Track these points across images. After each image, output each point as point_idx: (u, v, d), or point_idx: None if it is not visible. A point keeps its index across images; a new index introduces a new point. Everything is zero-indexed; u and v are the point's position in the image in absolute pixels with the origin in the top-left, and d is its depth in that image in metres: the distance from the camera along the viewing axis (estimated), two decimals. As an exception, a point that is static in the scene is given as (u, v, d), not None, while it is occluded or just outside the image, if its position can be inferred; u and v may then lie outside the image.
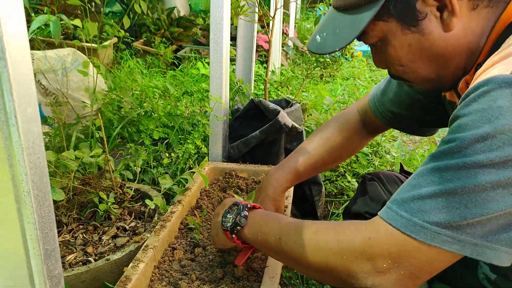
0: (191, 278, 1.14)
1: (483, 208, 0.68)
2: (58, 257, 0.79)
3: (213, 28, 1.60)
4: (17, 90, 0.64)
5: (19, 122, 0.65)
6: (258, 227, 0.99)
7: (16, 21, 0.62)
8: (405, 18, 0.82)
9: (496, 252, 0.70)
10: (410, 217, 0.73)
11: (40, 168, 0.71)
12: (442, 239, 0.70)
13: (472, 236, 0.69)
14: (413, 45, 0.85)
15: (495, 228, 0.69)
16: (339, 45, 0.87)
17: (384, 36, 0.87)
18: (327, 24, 0.92)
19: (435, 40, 0.83)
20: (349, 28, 0.86)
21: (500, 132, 0.65)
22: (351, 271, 0.79)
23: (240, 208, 1.03)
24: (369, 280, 0.77)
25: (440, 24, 0.82)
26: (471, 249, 0.70)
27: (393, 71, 0.93)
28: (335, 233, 0.83)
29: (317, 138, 1.31)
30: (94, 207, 1.45)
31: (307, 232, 0.87)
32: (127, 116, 2.11)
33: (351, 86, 3.31)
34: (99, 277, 1.22)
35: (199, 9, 8.52)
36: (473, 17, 0.82)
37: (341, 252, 0.80)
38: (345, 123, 1.31)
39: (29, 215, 0.71)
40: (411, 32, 0.84)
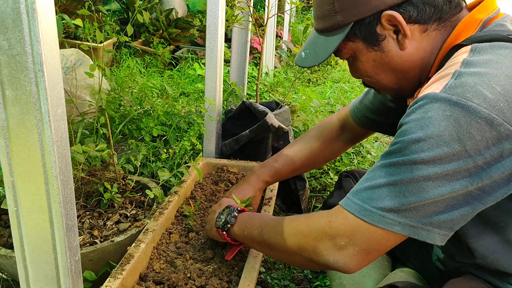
0: (185, 258, 1.32)
1: (417, 197, 0.84)
2: (76, 232, 0.95)
3: (209, 37, 1.77)
4: (50, 95, 0.81)
5: (51, 121, 0.82)
6: (244, 224, 1.18)
7: (52, 43, 0.79)
8: (368, 39, 1.01)
9: (429, 233, 0.85)
10: (361, 204, 0.89)
11: (65, 157, 0.88)
12: (386, 221, 0.86)
13: (409, 219, 0.85)
14: (376, 61, 1.04)
15: (428, 213, 0.84)
16: (317, 61, 1.07)
17: (354, 53, 1.06)
18: (309, 43, 1.11)
19: (393, 56, 1.01)
20: (325, 47, 1.05)
21: (430, 137, 0.82)
22: (316, 249, 0.95)
23: (231, 209, 1.23)
24: (331, 256, 0.93)
25: (396, 44, 1.00)
26: (408, 230, 0.86)
27: (364, 80, 1.13)
28: (305, 219, 1.02)
29: (298, 143, 1.52)
30: (99, 196, 1.61)
31: (283, 221, 1.06)
32: (128, 114, 2.27)
33: (339, 89, 3.49)
34: (104, 257, 1.38)
35: (196, 9, 8.65)
36: (424, 38, 1.00)
37: (308, 234, 0.97)
38: (324, 131, 1.52)
39: (56, 195, 0.87)
40: (374, 50, 1.02)
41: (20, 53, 0.77)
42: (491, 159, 0.81)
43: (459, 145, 0.80)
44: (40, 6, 0.75)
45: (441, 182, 0.82)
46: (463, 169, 0.82)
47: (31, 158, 0.84)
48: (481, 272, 1.02)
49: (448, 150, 0.81)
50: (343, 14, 1.00)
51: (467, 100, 0.80)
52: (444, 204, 0.84)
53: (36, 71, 0.78)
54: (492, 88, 0.82)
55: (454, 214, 0.85)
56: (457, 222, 0.86)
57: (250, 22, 2.35)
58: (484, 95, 0.81)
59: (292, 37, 5.24)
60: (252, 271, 1.20)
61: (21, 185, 0.87)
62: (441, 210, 0.84)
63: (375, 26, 0.99)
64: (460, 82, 0.83)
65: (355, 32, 1.01)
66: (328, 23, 1.03)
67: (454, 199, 0.83)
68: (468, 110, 0.80)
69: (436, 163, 0.82)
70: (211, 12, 1.75)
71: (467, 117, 0.80)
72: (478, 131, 0.80)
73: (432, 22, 0.99)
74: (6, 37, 0.76)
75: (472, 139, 0.80)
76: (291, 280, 1.60)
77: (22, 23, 0.75)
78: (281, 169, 1.48)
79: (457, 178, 0.82)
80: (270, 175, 1.48)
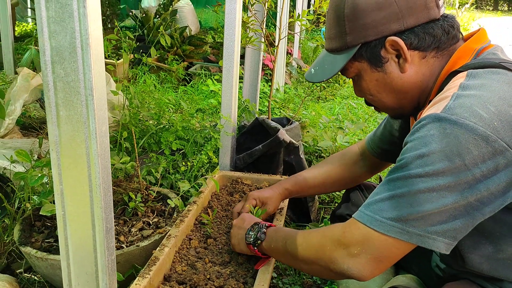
0: (204, 261, 1.44)
1: (423, 207, 0.93)
2: (113, 234, 1.08)
3: (225, 58, 1.92)
4: (98, 114, 0.95)
5: (97, 136, 0.96)
6: (271, 238, 1.30)
7: (101, 71, 0.94)
8: (373, 60, 1.14)
9: (435, 241, 0.94)
10: (372, 215, 0.99)
11: (107, 168, 1.01)
12: (395, 230, 0.96)
13: (416, 228, 0.94)
14: (379, 81, 1.16)
15: (433, 222, 0.93)
16: (325, 77, 1.20)
17: (359, 72, 1.18)
18: (319, 61, 1.24)
19: (394, 78, 1.14)
20: (333, 65, 1.18)
21: (433, 152, 0.92)
22: (332, 257, 1.06)
23: (260, 226, 1.34)
24: (345, 264, 1.03)
25: (398, 67, 1.13)
26: (416, 238, 0.94)
27: (366, 98, 1.25)
28: (322, 231, 1.14)
29: (321, 163, 1.68)
30: (124, 204, 1.75)
31: (303, 234, 1.19)
32: (146, 129, 2.42)
33: (347, 106, 3.62)
34: (130, 260, 1.51)
35: (208, 26, 8.88)
36: (423, 64, 1.13)
37: (324, 244, 1.09)
38: (345, 155, 1.65)
39: (98, 201, 1.01)
40: (377, 71, 1.15)
41: (74, 80, 0.91)
42: (487, 172, 0.91)
43: (459, 159, 0.90)
44: (92, 41, 0.89)
45: (444, 193, 0.91)
46: (463, 181, 0.91)
47: (79, 169, 0.98)
48: (476, 278, 1.12)
49: (449, 164, 0.90)
50: (352, 35, 1.12)
51: (465, 119, 0.91)
52: (448, 214, 0.92)
53: (87, 95, 0.92)
54: (487, 109, 0.92)
55: (457, 224, 0.93)
56: (460, 231, 0.95)
57: (263, 43, 2.49)
58: (480, 115, 0.91)
59: (302, 54, 5.39)
60: (266, 273, 1.32)
61: (69, 192, 1.01)
62: (445, 220, 0.93)
63: (380, 49, 1.11)
64: (459, 103, 0.94)
65: (361, 53, 1.13)
66: (338, 43, 1.16)
67: (456, 209, 0.92)
68: (466, 128, 0.90)
69: (439, 176, 0.91)
70: (228, 35, 1.90)
71: (465, 134, 0.90)
72: (475, 146, 0.90)
73: (431, 50, 1.11)
74: (63, 66, 0.91)
75: (470, 153, 0.89)
76: (301, 285, 1.72)
77: (77, 55, 0.90)
78: (302, 181, 1.63)
79: (458, 189, 0.91)
80: (291, 184, 1.64)
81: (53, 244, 1.58)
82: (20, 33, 6.99)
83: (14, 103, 2.64)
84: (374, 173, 1.65)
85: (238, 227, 1.43)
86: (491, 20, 14.34)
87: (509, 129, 0.91)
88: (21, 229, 1.62)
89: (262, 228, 1.33)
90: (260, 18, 2.39)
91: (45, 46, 0.90)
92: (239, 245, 1.41)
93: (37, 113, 3.08)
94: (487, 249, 1.05)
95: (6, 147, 2.30)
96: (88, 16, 0.87)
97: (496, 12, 20.75)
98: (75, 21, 0.87)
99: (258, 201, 1.60)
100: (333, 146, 2.47)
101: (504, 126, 0.91)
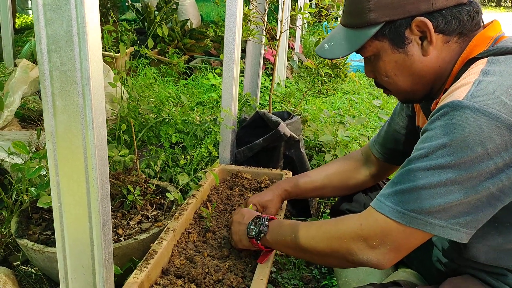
0: (203, 255, 1.43)
1: (445, 199, 0.91)
2: (110, 226, 1.07)
3: (226, 51, 1.89)
4: (94, 105, 0.93)
5: (94, 127, 0.94)
6: (276, 232, 1.27)
7: (98, 61, 0.92)
8: (395, 40, 1.09)
9: (457, 232, 0.93)
10: (394, 206, 0.97)
11: (104, 160, 1.00)
12: (418, 222, 0.94)
13: (439, 220, 0.93)
14: (398, 62, 1.11)
15: (456, 214, 0.92)
16: (342, 54, 1.14)
17: (378, 52, 1.12)
18: (335, 36, 1.18)
19: (415, 61, 1.10)
20: (352, 41, 1.13)
21: (455, 141, 0.90)
22: (350, 250, 1.04)
23: (262, 219, 1.32)
24: (365, 255, 1.02)
25: (420, 50, 1.09)
26: (439, 229, 0.93)
27: (379, 80, 1.19)
28: (335, 224, 1.11)
29: (323, 166, 1.63)
30: (122, 197, 1.73)
31: (314, 226, 1.16)
32: (145, 122, 2.40)
33: (348, 100, 3.60)
34: (128, 253, 1.50)
35: (210, 19, 8.84)
36: (445, 49, 1.09)
37: (341, 237, 1.06)
38: (348, 158, 1.62)
39: (95, 193, 0.99)
40: (398, 52, 1.10)
41: (71, 69, 0.89)
42: (510, 161, 0.89)
43: (482, 149, 0.88)
44: (89, 29, 0.87)
45: (467, 184, 0.90)
46: (485, 171, 0.89)
47: (75, 160, 0.97)
48: (477, 272, 1.10)
49: (471, 153, 0.88)
50: (376, 12, 1.07)
51: (488, 107, 0.88)
52: (470, 205, 0.91)
53: (84, 85, 0.90)
54: (510, 96, 0.90)
55: (479, 215, 0.92)
56: (481, 221, 0.94)
57: (264, 36, 2.47)
58: (504, 102, 0.89)
59: (304, 49, 5.36)
60: (265, 267, 1.30)
61: (65, 184, 0.99)
62: (468, 211, 0.92)
63: (405, 29, 1.07)
64: (481, 90, 0.91)
65: (384, 32, 1.08)
66: (360, 20, 1.10)
67: (479, 200, 0.91)
68: (490, 116, 0.88)
69: (461, 167, 0.89)
70: (229, 28, 1.88)
71: (488, 122, 0.87)
72: (498, 135, 0.87)
73: (455, 35, 1.08)
74: (59, 55, 0.89)
75: (493, 142, 0.87)
76: (300, 280, 1.71)
77: (73, 44, 0.88)
78: (301, 184, 1.60)
79: (481, 180, 0.89)
80: (290, 185, 1.61)
81: (50, 236, 1.56)
82: (20, 25, 6.95)
83: (13, 95, 2.62)
84: (378, 179, 1.60)
85: (239, 223, 1.40)
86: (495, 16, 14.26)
87: None
88: (18, 221, 1.61)
89: (264, 221, 1.31)
90: (262, 11, 2.36)
91: (41, 34, 0.88)
92: (241, 241, 1.38)
93: (36, 105, 3.06)
94: (496, 240, 1.03)
95: (5, 139, 2.29)
96: (85, 3, 0.85)
97: (499, 8, 20.68)
98: (72, 8, 0.85)
99: (258, 206, 1.57)
100: (334, 141, 2.45)
101: None
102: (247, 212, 1.42)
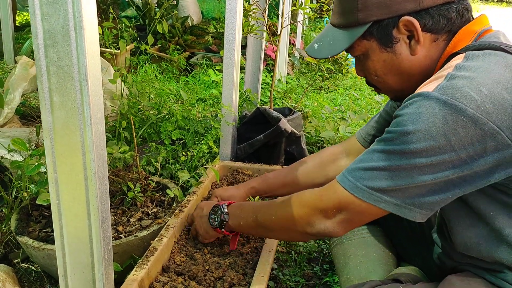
0: (203, 252, 1.42)
1: (404, 181, 0.94)
2: (109, 224, 1.06)
3: (226, 47, 1.88)
4: (92, 101, 0.92)
5: (92, 124, 0.93)
6: (238, 215, 1.31)
7: (95, 56, 0.90)
8: (383, 40, 1.09)
9: (411, 211, 0.96)
10: (354, 181, 1.00)
11: (102, 156, 0.99)
12: (374, 198, 0.98)
13: (395, 198, 0.96)
14: (387, 61, 1.11)
15: (412, 195, 0.95)
16: (330, 54, 1.16)
17: (366, 51, 1.13)
18: (325, 36, 1.19)
19: (403, 60, 1.10)
20: (339, 42, 1.13)
21: (418, 130, 0.91)
22: (309, 219, 1.09)
23: (220, 208, 1.35)
24: (322, 224, 1.07)
25: (408, 49, 1.09)
26: (393, 207, 0.97)
27: (369, 79, 1.20)
28: (296, 196, 1.15)
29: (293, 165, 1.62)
30: (122, 194, 1.72)
31: (275, 203, 1.21)
32: (146, 118, 2.39)
33: (349, 96, 3.59)
34: (128, 250, 1.49)
35: (211, 16, 8.80)
36: (433, 47, 1.08)
37: (302, 207, 1.11)
38: (322, 153, 1.60)
39: (94, 190, 0.98)
40: (386, 51, 1.10)
41: (68, 64, 0.88)
42: (474, 153, 0.90)
43: (444, 140, 0.89)
44: (86, 23, 0.86)
45: (426, 170, 0.92)
46: (446, 161, 0.91)
47: (73, 156, 0.96)
48: (477, 269, 1.10)
49: (433, 143, 0.90)
50: (364, 13, 1.07)
51: (455, 100, 0.90)
52: (427, 188, 0.94)
53: (81, 80, 0.89)
54: (479, 91, 0.90)
55: (435, 198, 0.95)
56: (437, 204, 0.96)
57: (265, 31, 2.45)
58: (471, 97, 0.90)
59: (305, 45, 5.34)
60: (266, 264, 1.30)
61: (63, 181, 0.98)
62: (424, 194, 0.95)
63: (392, 29, 1.07)
64: (451, 84, 0.92)
65: (372, 31, 1.08)
66: (348, 19, 1.11)
67: (436, 185, 0.94)
68: (455, 109, 0.89)
69: (422, 154, 0.92)
70: (229, 23, 1.86)
71: (453, 115, 0.89)
72: (463, 128, 0.89)
73: (443, 33, 1.07)
74: (56, 50, 0.88)
75: (457, 135, 0.89)
76: (302, 276, 1.70)
77: (70, 39, 0.87)
78: (270, 179, 1.60)
79: (440, 168, 0.92)
80: (258, 182, 1.62)
81: (50, 234, 1.55)
82: (21, 23, 6.94)
83: (13, 92, 2.61)
84: None
85: (200, 217, 1.44)
86: (496, 11, 14.23)
87: (501, 112, 0.90)
88: (18, 218, 1.60)
89: (223, 209, 1.34)
90: (262, 6, 2.35)
91: (37, 29, 0.87)
92: (207, 233, 1.41)
93: (37, 102, 3.05)
94: (484, 230, 1.04)
95: (5, 136, 2.28)
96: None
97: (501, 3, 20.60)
98: (68, 2, 0.84)
99: (219, 199, 1.58)
100: (335, 137, 2.44)
101: (497, 109, 0.90)
102: (204, 204, 1.46)
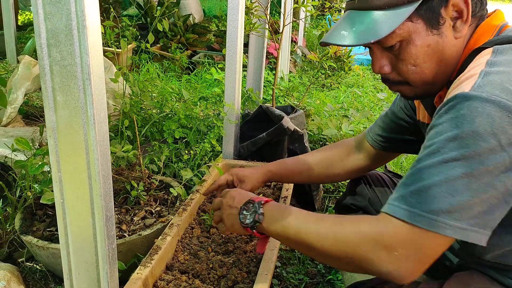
0: (207, 250, 1.42)
1: (463, 196, 0.83)
2: (113, 222, 1.06)
3: (229, 45, 1.88)
4: (95, 100, 0.92)
5: (96, 123, 0.93)
6: (275, 220, 1.10)
7: (98, 55, 0.91)
8: (431, 21, 0.99)
9: (477, 234, 0.84)
10: (410, 209, 0.86)
11: (106, 155, 0.99)
12: (438, 225, 0.84)
13: (459, 221, 0.83)
14: (431, 46, 1.01)
15: (475, 214, 0.83)
16: (375, 37, 0.99)
17: (409, 35, 1.00)
18: (352, 22, 1.04)
19: (448, 43, 1.01)
20: (386, 23, 0.98)
21: (466, 133, 0.84)
22: (369, 259, 0.91)
23: (256, 206, 1.14)
24: (385, 267, 0.89)
25: (452, 31, 1.02)
26: (460, 233, 0.83)
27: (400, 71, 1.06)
28: (352, 227, 0.95)
29: (311, 152, 1.58)
30: (126, 193, 1.73)
31: (325, 225, 1.00)
32: (148, 117, 2.39)
33: (352, 94, 3.58)
34: (132, 249, 1.49)
35: (212, 14, 8.79)
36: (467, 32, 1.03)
37: (359, 244, 0.92)
38: (339, 145, 1.56)
39: (98, 189, 0.98)
40: (432, 34, 1.00)
41: (71, 63, 0.88)
42: None
43: (494, 139, 0.82)
44: (89, 23, 0.86)
45: (484, 179, 0.83)
46: (500, 164, 0.82)
47: (77, 155, 0.96)
48: (484, 268, 1.08)
49: (485, 144, 0.82)
50: None
51: (496, 97, 0.84)
52: (488, 203, 0.84)
53: (84, 79, 0.89)
54: None
55: (496, 214, 0.85)
56: (497, 221, 0.86)
57: (267, 29, 2.45)
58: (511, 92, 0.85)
59: (307, 42, 5.33)
60: (270, 262, 1.30)
61: (67, 180, 0.99)
62: (485, 210, 0.84)
63: (441, 8, 0.98)
64: (488, 81, 0.87)
65: (420, 11, 0.98)
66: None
67: (496, 197, 0.84)
68: (499, 105, 0.82)
69: (476, 159, 0.83)
70: (231, 21, 1.86)
71: (498, 111, 0.82)
72: (510, 125, 0.82)
73: (474, 18, 1.03)
74: (59, 49, 0.88)
75: (506, 133, 0.82)
76: (305, 274, 1.70)
77: (73, 38, 0.87)
78: (288, 164, 1.54)
79: (497, 174, 0.83)
80: (275, 166, 1.54)
81: (54, 233, 1.56)
82: (23, 22, 6.95)
83: (16, 92, 2.62)
84: (368, 169, 1.53)
85: (230, 206, 1.21)
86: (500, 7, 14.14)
87: None
88: (22, 218, 1.61)
89: (258, 208, 1.13)
90: (264, 4, 2.34)
91: (40, 28, 0.87)
92: (233, 226, 1.20)
93: (40, 102, 3.06)
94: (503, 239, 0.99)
95: (8, 135, 2.29)
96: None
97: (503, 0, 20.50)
98: (71, 1, 0.84)
99: (235, 178, 1.50)
100: (338, 134, 2.44)
101: None
102: (237, 194, 1.23)
